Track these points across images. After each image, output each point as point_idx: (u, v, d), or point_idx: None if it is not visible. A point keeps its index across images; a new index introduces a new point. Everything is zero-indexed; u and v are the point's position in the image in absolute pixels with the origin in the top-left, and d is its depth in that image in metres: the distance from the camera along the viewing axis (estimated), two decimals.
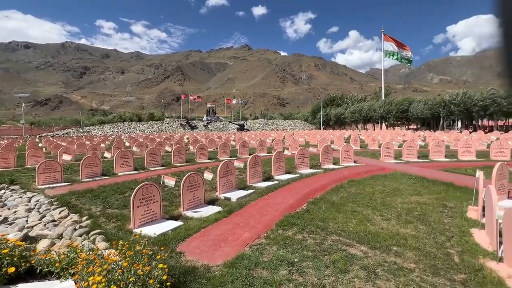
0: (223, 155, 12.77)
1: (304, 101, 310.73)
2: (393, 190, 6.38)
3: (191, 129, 60.78)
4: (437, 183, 6.97)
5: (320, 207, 5.17)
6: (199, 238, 3.76)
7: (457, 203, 5.34)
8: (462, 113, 35.36)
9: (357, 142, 17.51)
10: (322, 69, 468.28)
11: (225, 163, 6.34)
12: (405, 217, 4.59)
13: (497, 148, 11.25)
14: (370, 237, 3.75)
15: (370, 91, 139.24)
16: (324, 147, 10.07)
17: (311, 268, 2.92)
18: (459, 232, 3.95)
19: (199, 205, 5.26)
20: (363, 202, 5.49)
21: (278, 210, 4.89)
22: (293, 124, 72.23)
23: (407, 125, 50.23)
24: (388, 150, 11.20)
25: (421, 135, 23.35)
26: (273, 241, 3.64)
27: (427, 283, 2.63)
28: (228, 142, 18.60)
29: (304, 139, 23.02)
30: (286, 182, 7.20)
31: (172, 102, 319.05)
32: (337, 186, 6.85)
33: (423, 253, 3.26)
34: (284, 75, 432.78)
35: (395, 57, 52.41)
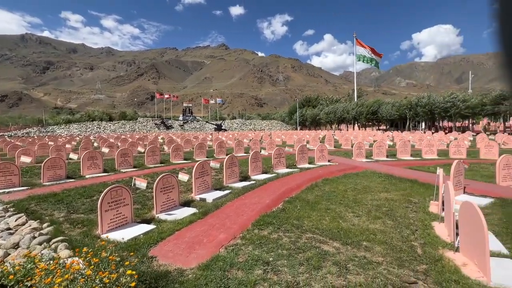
0: (200, 155, 12.54)
1: (281, 102, 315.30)
2: (364, 188, 6.69)
3: (167, 129, 58.95)
4: (404, 180, 7.42)
5: (295, 206, 5.26)
6: (173, 241, 3.64)
7: (421, 199, 5.72)
8: (426, 114, 38.10)
9: (332, 142, 18.11)
10: (299, 70, 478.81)
11: (200, 163, 6.22)
12: (374, 213, 4.83)
13: (455, 147, 12.26)
14: (342, 233, 3.89)
15: (344, 93, 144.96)
16: (300, 147, 10.28)
17: (286, 266, 2.96)
18: (422, 225, 4.23)
19: (173, 207, 5.10)
20: (336, 199, 5.68)
21: (255, 210, 4.90)
22: (271, 124, 72.97)
23: (377, 125, 53.00)
24: (360, 150, 11.72)
25: (390, 135, 24.75)
26: (249, 241, 3.64)
27: (393, 275, 2.78)
28: (205, 142, 18.31)
29: (281, 139, 23.35)
30: (263, 182, 7.24)
31: (146, 101, 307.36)
32: (312, 185, 7.02)
33: (390, 247, 3.45)
34: (261, 75, 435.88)
35: (366, 61, 55.16)
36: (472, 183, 6.76)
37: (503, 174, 6.67)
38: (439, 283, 2.63)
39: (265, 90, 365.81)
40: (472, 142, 17.85)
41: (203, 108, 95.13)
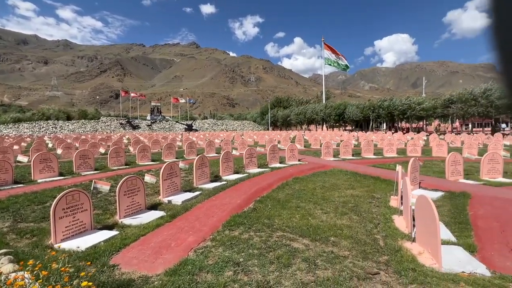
0: (169, 156, 12.06)
1: (253, 102, 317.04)
2: (332, 185, 6.96)
3: (133, 129, 55.90)
4: (367, 177, 7.88)
5: (266, 205, 5.29)
6: (138, 247, 3.43)
7: (383, 194, 6.11)
8: (387, 116, 41.07)
9: (302, 142, 18.64)
10: (270, 72, 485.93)
11: (169, 164, 5.96)
12: (341, 209, 5.04)
13: (411, 146, 13.35)
14: (312, 230, 3.99)
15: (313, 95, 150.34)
16: (271, 147, 10.40)
17: (257, 266, 2.94)
18: (383, 219, 4.51)
19: (139, 211, 4.82)
20: (306, 197, 5.83)
21: (225, 210, 4.82)
22: (243, 124, 72.97)
23: (344, 126, 55.80)
24: (328, 149, 12.21)
25: (355, 135, 26.20)
26: (219, 242, 3.56)
27: (358, 267, 2.91)
28: (174, 143, 17.70)
29: (253, 139, 23.44)
30: (234, 182, 7.17)
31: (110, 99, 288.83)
32: (282, 184, 7.13)
33: (355, 241, 3.62)
34: (233, 75, 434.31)
35: (334, 64, 57.78)
36: (426, 179, 7.39)
37: (451, 170, 7.40)
38: (398, 272, 2.81)
39: (237, 90, 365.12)
40: (426, 142, 19.60)
41: (173, 108, 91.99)
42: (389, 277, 2.74)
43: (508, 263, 2.94)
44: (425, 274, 2.74)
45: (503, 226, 3.91)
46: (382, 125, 51.67)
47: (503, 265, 2.91)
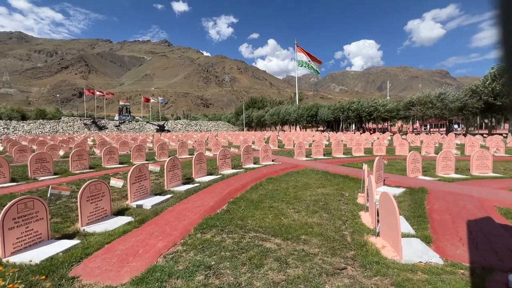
0: (138, 158, 11.52)
1: (227, 103, 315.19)
2: (304, 185, 7.14)
3: (99, 130, 52.54)
4: (337, 176, 8.21)
5: (240, 206, 5.27)
6: (102, 256, 3.22)
7: (351, 192, 6.41)
8: (356, 117, 43.25)
9: (276, 143, 18.91)
10: (244, 72, 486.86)
11: (137, 167, 5.69)
12: (312, 207, 5.19)
13: (377, 146, 14.20)
14: (284, 229, 4.06)
15: (287, 96, 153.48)
16: (245, 147, 10.40)
17: (228, 268, 2.92)
18: (351, 216, 4.73)
19: (104, 217, 4.53)
20: (279, 197, 5.92)
21: (198, 213, 4.72)
22: (217, 125, 72.17)
23: (316, 127, 57.69)
24: (301, 149, 12.53)
25: (327, 135, 27.21)
26: (191, 246, 3.47)
27: (327, 264, 3.02)
28: (144, 144, 16.95)
29: (227, 140, 23.28)
30: (208, 183, 7.05)
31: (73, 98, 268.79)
32: (256, 184, 7.17)
33: (325, 238, 3.75)
34: (207, 75, 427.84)
35: (306, 66, 59.54)
36: (390, 176, 7.90)
37: (411, 167, 7.99)
38: (364, 265, 2.96)
39: (211, 91, 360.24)
40: (390, 141, 20.97)
41: (143, 108, 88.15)
42: (355, 271, 2.88)
43: (458, 251, 3.24)
44: (388, 266, 2.93)
45: (454, 218, 4.31)
46: (351, 126, 54.30)
47: (453, 254, 3.20)
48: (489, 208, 4.90)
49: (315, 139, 20.94)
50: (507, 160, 10.77)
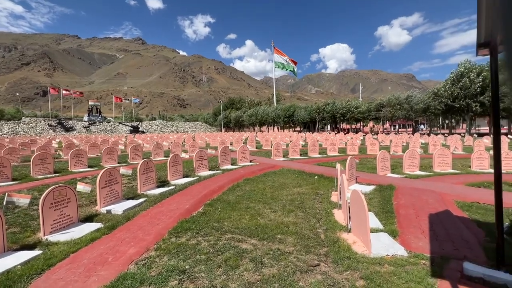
0: (109, 161, 10.97)
1: (205, 103, 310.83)
2: (281, 185, 7.25)
3: (66, 131, 49.20)
4: (313, 175, 8.44)
5: (216, 208, 5.23)
6: (66, 266, 3.02)
7: (325, 190, 6.62)
8: (331, 118, 44.76)
9: (253, 143, 18.99)
10: (222, 73, 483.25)
11: (108, 170, 5.42)
12: (288, 207, 5.29)
13: (350, 145, 14.81)
14: (260, 229, 4.09)
15: (265, 97, 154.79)
16: (222, 148, 10.33)
17: (203, 271, 2.88)
18: (325, 213, 4.88)
19: (70, 225, 4.26)
20: (256, 198, 5.95)
21: (173, 217, 4.60)
22: (195, 126, 70.85)
23: (293, 127, 58.80)
24: (278, 150, 12.70)
25: (303, 136, 27.85)
26: (164, 251, 3.38)
27: (301, 261, 3.09)
28: (116, 146, 16.19)
29: (204, 141, 22.95)
30: (183, 186, 6.90)
31: (36, 97, 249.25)
32: (233, 185, 7.14)
33: (300, 236, 3.83)
34: (184, 75, 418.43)
35: (283, 68, 60.44)
36: (362, 174, 8.28)
37: (381, 166, 8.44)
38: (336, 261, 3.08)
39: (188, 91, 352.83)
40: (362, 141, 21.96)
41: (116, 108, 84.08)
42: (328, 267, 2.98)
43: (420, 243, 3.49)
44: (358, 260, 3.07)
45: (418, 212, 4.62)
46: (327, 126, 56.09)
47: (417, 245, 3.43)
48: (448, 202, 5.33)
49: (292, 139, 21.34)
50: (464, 158, 11.76)
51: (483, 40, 2.81)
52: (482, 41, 2.82)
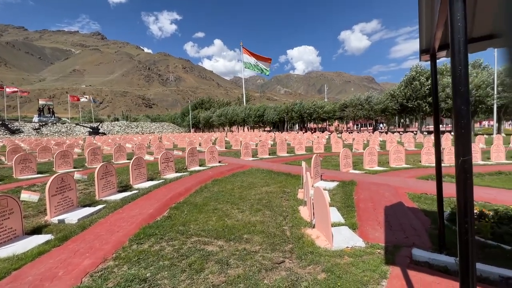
0: (64, 166, 10.04)
1: (173, 103, 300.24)
2: (249, 184, 7.28)
3: (11, 133, 43.95)
4: (281, 174, 8.62)
5: (182, 211, 5.07)
6: (6, 286, 2.69)
7: (292, 188, 6.79)
8: (298, 118, 46.15)
9: (223, 144, 18.81)
10: (190, 72, 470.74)
11: (59, 176, 4.95)
12: (256, 206, 5.33)
13: (317, 144, 15.42)
14: (227, 230, 4.06)
15: (234, 97, 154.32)
16: (189, 149, 10.05)
17: (166, 278, 2.77)
18: (292, 211, 5.01)
19: (12, 239, 3.80)
20: (224, 199, 5.90)
21: (134, 223, 4.35)
22: (161, 126, 68.01)
23: (263, 127, 59.47)
24: (247, 150, 12.74)
25: (272, 135, 28.32)
26: (124, 260, 3.18)
27: (267, 259, 3.13)
28: (72, 149, 14.90)
29: (171, 142, 22.15)
30: (147, 190, 6.57)
31: None
32: (201, 187, 7.00)
33: (266, 235, 3.88)
34: (149, 73, 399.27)
35: (252, 68, 60.80)
36: (327, 171, 8.66)
37: (344, 163, 8.92)
38: (300, 257, 3.17)
39: (154, 90, 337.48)
40: (328, 140, 23.00)
41: (72, 108, 77.24)
42: (292, 263, 3.06)
43: (377, 234, 3.75)
44: (320, 254, 3.20)
45: (375, 205, 4.97)
46: (295, 126, 57.74)
47: (373, 236, 3.69)
48: (401, 194, 5.81)
49: (262, 139, 21.58)
50: (416, 153, 12.94)
51: (424, 47, 3.11)
52: (424, 48, 3.13)
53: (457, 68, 1.24)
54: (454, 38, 1.25)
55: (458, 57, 1.23)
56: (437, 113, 3.12)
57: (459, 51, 1.23)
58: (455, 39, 1.24)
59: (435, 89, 3.10)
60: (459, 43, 1.23)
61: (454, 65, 1.25)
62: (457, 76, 1.23)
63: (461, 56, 1.23)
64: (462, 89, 1.23)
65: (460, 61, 1.23)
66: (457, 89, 1.24)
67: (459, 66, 1.23)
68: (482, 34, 2.79)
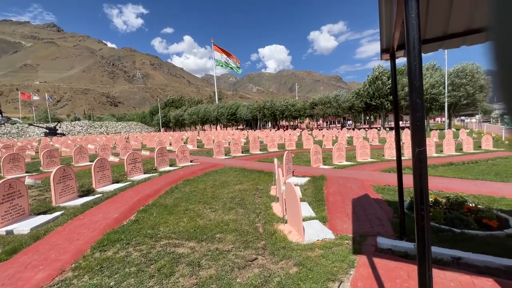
0: (13, 171, 9.03)
1: (141, 101, 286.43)
2: (222, 183, 7.18)
3: None
4: (254, 171, 8.63)
5: (151, 213, 4.84)
6: None
7: (265, 185, 6.83)
8: (271, 116, 46.73)
9: (195, 143, 18.37)
10: (159, 69, 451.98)
11: (7, 182, 4.42)
12: (229, 204, 5.26)
13: (288, 141, 15.72)
14: (199, 231, 3.95)
15: (206, 95, 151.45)
16: (158, 149, 9.64)
17: (133, 285, 2.61)
18: (264, 207, 5.03)
19: None
20: (196, 199, 5.74)
21: (97, 229, 4.05)
22: (129, 126, 64.46)
23: (236, 125, 59.25)
24: (220, 148, 12.58)
25: (245, 133, 28.32)
26: (85, 270, 2.94)
27: (240, 258, 3.10)
28: (23, 152, 13.50)
29: (139, 142, 21.09)
30: (112, 193, 6.17)
31: None
32: (172, 188, 6.75)
33: (239, 233, 3.85)
34: (114, 70, 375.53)
35: (225, 66, 60.04)
36: (298, 168, 8.85)
37: (314, 158, 9.20)
38: (272, 252, 3.19)
39: (119, 87, 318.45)
40: (299, 137, 23.59)
41: (24, 107, 69.89)
42: (265, 259, 3.07)
43: (345, 225, 3.91)
44: (292, 248, 3.25)
45: (343, 198, 5.19)
46: (268, 124, 58.39)
47: (342, 228, 3.84)
48: (367, 187, 6.14)
49: (234, 137, 21.46)
50: (380, 148, 13.81)
51: (385, 47, 3.29)
52: (384, 48, 3.31)
53: (412, 63, 1.30)
54: (409, 35, 1.31)
55: (413, 53, 1.30)
56: (396, 110, 3.32)
57: (414, 47, 1.29)
58: (410, 36, 1.30)
59: (395, 87, 3.30)
60: (413, 40, 1.30)
61: (409, 61, 1.32)
62: (413, 70, 1.29)
63: (416, 53, 1.30)
64: (417, 84, 1.30)
65: (415, 57, 1.30)
66: (412, 84, 1.31)
67: (414, 62, 1.30)
68: (434, 36, 3.02)
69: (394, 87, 3.31)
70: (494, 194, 5.26)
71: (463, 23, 2.75)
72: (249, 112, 48.43)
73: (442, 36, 2.95)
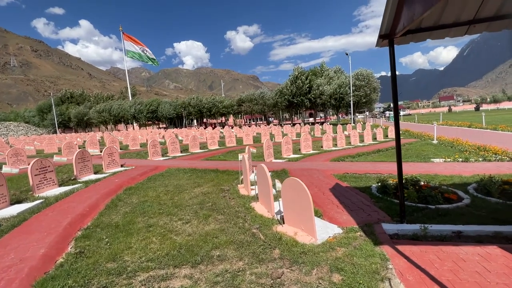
0: None
1: (20, 97, 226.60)
2: (176, 188, 6.10)
3: None
4: (207, 171, 7.76)
5: (100, 238, 3.52)
6: None
7: (229, 185, 6.17)
8: (197, 113, 44.74)
9: (117, 143, 15.51)
10: (46, 57, 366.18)
11: None
12: (202, 212, 4.41)
13: (229, 138, 15.18)
14: (185, 251, 3.05)
15: (114, 91, 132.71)
16: (79, 153, 7.46)
17: None
18: (246, 210, 4.43)
19: None
20: (154, 210, 4.60)
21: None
22: (6, 128, 49.49)
23: (157, 124, 54.09)
24: (156, 148, 10.90)
25: (177, 133, 26.01)
26: None
27: (262, 276, 2.49)
28: None
29: (34, 147, 16.27)
30: (19, 219, 4.26)
31: None
32: (112, 200, 5.25)
33: (238, 244, 3.17)
34: None
35: (139, 58, 53.52)
36: (253, 163, 8.48)
37: (266, 153, 9.03)
38: (295, 261, 2.71)
39: None
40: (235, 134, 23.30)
41: None
42: (292, 271, 2.56)
43: (344, 217, 3.79)
44: (313, 252, 2.85)
45: (321, 189, 5.14)
46: (193, 122, 55.79)
47: (342, 220, 3.70)
48: (330, 176, 6.35)
49: (166, 136, 19.34)
50: (315, 141, 14.99)
51: (384, 32, 3.25)
52: (383, 33, 3.27)
53: None
54: None
55: None
56: (396, 103, 3.34)
57: None
58: None
59: (394, 75, 3.31)
60: None
61: None
62: None
63: None
64: None
65: None
66: None
67: None
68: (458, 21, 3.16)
69: (393, 75, 3.33)
70: (429, 172, 6.27)
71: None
72: (172, 109, 44.91)
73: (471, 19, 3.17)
